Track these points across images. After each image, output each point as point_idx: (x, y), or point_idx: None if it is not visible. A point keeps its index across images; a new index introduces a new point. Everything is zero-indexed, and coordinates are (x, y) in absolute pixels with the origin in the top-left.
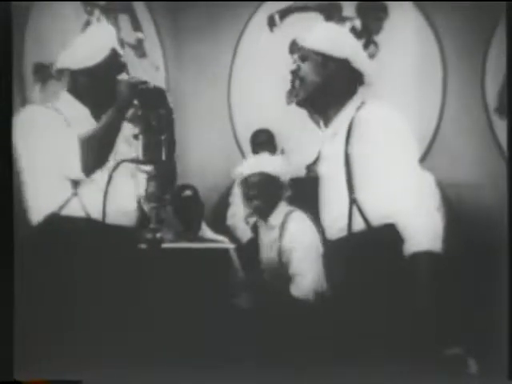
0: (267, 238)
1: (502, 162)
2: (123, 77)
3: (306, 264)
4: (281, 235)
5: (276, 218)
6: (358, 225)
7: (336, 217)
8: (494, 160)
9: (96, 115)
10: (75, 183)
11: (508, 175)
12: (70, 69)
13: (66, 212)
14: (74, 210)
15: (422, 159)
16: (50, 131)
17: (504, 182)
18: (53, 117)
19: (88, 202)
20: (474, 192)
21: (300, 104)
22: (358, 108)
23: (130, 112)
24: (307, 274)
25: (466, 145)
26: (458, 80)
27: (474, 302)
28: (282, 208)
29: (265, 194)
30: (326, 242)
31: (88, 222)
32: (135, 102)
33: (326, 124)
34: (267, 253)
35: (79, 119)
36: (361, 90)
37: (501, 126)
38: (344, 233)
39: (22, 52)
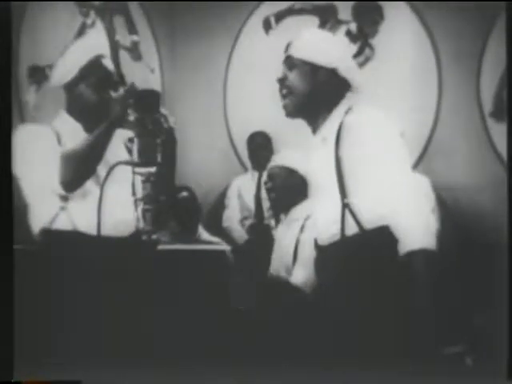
0: (285, 230)
1: (498, 164)
2: (116, 93)
3: (311, 258)
4: (302, 228)
5: (299, 212)
6: (351, 229)
7: (328, 222)
8: (489, 162)
9: (89, 130)
10: (63, 197)
11: (508, 177)
12: (60, 85)
13: (56, 227)
14: (63, 224)
15: (418, 162)
16: (42, 149)
17: (504, 184)
18: (46, 135)
19: (76, 215)
20: (469, 194)
21: (290, 115)
22: (346, 112)
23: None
24: (310, 266)
25: (462, 148)
26: (453, 83)
27: (473, 302)
28: (307, 205)
29: (287, 187)
30: (317, 247)
31: (81, 233)
32: (130, 105)
33: (315, 131)
34: (282, 245)
35: (73, 135)
36: (348, 96)
37: (496, 129)
38: (337, 237)
39: (17, 54)
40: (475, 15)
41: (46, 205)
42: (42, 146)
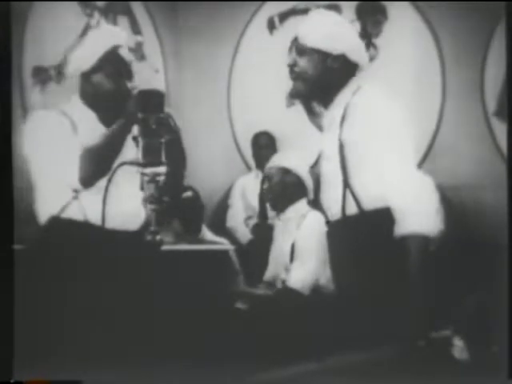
0: (281, 229)
1: (501, 163)
2: (135, 90)
3: (310, 260)
4: (297, 228)
5: (294, 211)
6: (352, 209)
7: (332, 202)
8: (493, 161)
9: (104, 120)
10: (76, 190)
11: (508, 178)
12: (78, 73)
13: (66, 215)
14: (74, 213)
15: (422, 162)
16: (56, 136)
17: (504, 184)
18: (62, 122)
19: (88, 206)
20: (473, 193)
21: (297, 96)
22: (354, 93)
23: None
24: (308, 268)
25: (466, 147)
26: (456, 83)
27: (474, 300)
28: (302, 205)
29: (283, 187)
30: (327, 223)
31: (88, 225)
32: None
33: (324, 113)
34: (279, 244)
35: (86, 124)
36: (357, 76)
37: (500, 128)
38: (338, 216)
39: (21, 55)
40: (479, 15)
41: (57, 193)
42: (57, 132)
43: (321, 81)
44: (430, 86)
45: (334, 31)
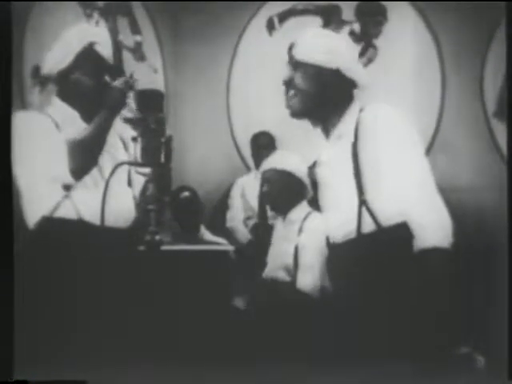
0: (283, 232)
1: (501, 164)
2: (113, 82)
3: (316, 261)
4: (300, 230)
5: (297, 213)
6: (368, 226)
7: (343, 220)
8: (493, 162)
9: (86, 117)
10: (66, 186)
11: (508, 178)
12: (54, 73)
13: (58, 215)
14: (67, 212)
15: None
16: (42, 137)
17: (504, 185)
18: (45, 122)
19: (80, 204)
20: (473, 194)
21: (295, 115)
22: (361, 110)
23: (129, 115)
24: (315, 270)
25: (465, 148)
26: (456, 83)
27: (473, 302)
28: (304, 206)
29: (285, 190)
30: (331, 245)
31: (83, 224)
32: (133, 105)
33: (329, 130)
34: (280, 246)
35: (69, 123)
36: (358, 94)
37: (499, 129)
38: (353, 235)
39: (21, 54)
40: (479, 16)
41: (46, 193)
42: (41, 133)
43: (318, 97)
44: (430, 86)
45: (327, 45)
